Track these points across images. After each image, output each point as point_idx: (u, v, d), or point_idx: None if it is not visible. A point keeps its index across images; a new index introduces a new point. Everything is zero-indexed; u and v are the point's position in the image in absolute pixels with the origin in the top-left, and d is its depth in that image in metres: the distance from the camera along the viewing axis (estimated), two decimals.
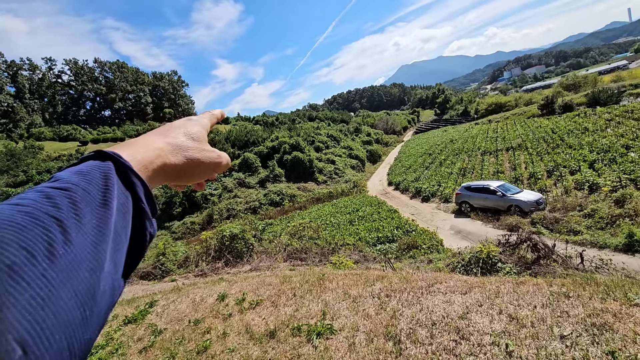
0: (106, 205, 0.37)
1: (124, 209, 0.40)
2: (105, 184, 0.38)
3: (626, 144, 18.65)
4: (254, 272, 8.36)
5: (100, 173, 0.39)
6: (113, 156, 0.43)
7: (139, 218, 0.43)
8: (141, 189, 0.43)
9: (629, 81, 51.44)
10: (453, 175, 24.43)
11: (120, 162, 0.43)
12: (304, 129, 50.98)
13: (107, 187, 0.38)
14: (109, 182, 0.39)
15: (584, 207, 12.81)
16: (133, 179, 0.43)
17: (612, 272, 6.49)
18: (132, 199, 0.42)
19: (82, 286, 0.30)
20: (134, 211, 0.42)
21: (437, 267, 7.56)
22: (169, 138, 0.54)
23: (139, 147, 0.49)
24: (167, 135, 0.55)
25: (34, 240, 0.28)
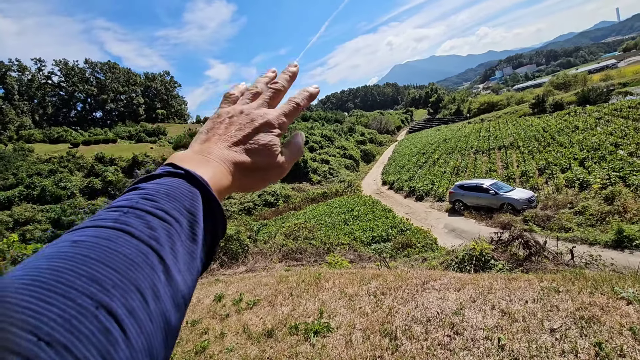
0: (195, 240, 0.36)
1: (205, 240, 0.40)
2: (193, 217, 0.37)
3: (615, 141, 19.00)
4: (250, 273, 8.38)
5: (189, 202, 0.38)
6: (201, 183, 0.41)
7: (213, 246, 0.43)
8: (220, 224, 0.43)
9: (617, 80, 52.37)
10: (446, 174, 24.66)
11: (209, 194, 0.41)
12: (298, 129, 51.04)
13: (196, 220, 0.38)
14: (197, 215, 0.38)
15: (574, 204, 13.03)
16: (217, 214, 0.42)
17: (601, 268, 6.64)
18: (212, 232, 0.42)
19: (172, 325, 0.29)
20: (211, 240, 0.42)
21: (431, 265, 7.67)
22: (240, 154, 0.50)
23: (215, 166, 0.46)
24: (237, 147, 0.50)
25: (143, 279, 0.28)
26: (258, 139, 0.52)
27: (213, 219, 0.41)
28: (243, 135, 0.51)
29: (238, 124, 0.53)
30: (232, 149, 0.50)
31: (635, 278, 3.56)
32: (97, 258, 0.27)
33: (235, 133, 0.51)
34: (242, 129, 0.52)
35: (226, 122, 0.53)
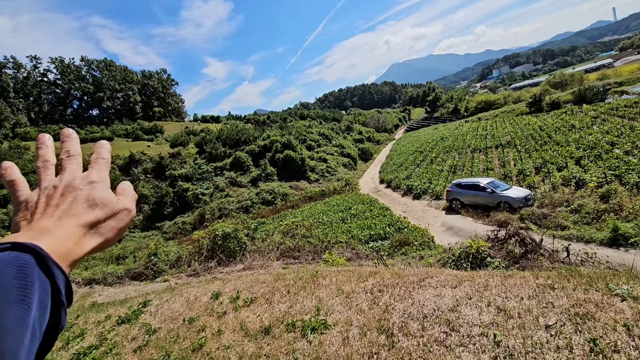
0: (25, 302, 0.35)
1: (43, 303, 0.39)
2: (23, 280, 0.37)
3: (611, 140, 19.11)
4: (247, 271, 8.38)
5: (18, 266, 0.38)
6: (33, 248, 0.41)
7: (55, 307, 0.42)
8: (62, 280, 0.42)
9: (614, 79, 52.63)
10: (444, 172, 24.72)
11: (41, 253, 0.41)
12: (296, 128, 50.92)
13: (26, 282, 0.37)
14: (29, 277, 0.37)
15: (570, 202, 13.10)
16: (54, 270, 0.42)
17: (596, 265, 6.69)
18: (51, 289, 0.41)
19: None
20: (53, 304, 0.41)
21: (428, 262, 7.69)
22: (81, 218, 0.52)
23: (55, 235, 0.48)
24: (77, 215, 0.52)
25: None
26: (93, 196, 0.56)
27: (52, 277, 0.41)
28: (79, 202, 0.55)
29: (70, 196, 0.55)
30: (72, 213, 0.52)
31: (630, 275, 3.59)
32: None
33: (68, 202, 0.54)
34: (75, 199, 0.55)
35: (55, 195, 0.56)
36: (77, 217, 0.52)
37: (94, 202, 0.55)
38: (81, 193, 0.55)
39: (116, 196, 0.60)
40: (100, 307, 6.42)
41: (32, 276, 0.38)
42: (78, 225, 0.51)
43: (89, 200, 0.55)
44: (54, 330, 0.42)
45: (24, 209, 0.54)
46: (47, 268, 0.41)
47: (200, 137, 44.27)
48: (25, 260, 0.39)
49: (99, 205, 0.54)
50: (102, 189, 0.58)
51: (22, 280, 0.37)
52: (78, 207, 0.53)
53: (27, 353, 0.34)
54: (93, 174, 0.60)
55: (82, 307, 6.87)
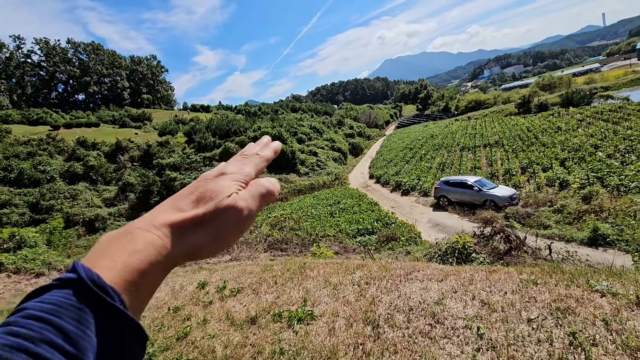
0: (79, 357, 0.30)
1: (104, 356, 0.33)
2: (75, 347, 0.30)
3: (595, 143, 19.57)
4: (235, 262, 8.34)
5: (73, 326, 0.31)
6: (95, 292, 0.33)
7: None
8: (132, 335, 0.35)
9: (600, 83, 53.87)
10: (432, 170, 24.97)
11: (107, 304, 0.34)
12: (287, 120, 50.57)
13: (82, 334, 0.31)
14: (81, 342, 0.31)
15: (554, 202, 13.41)
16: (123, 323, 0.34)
17: (577, 263, 6.88)
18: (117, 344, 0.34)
19: None
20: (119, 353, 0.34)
21: (415, 257, 7.79)
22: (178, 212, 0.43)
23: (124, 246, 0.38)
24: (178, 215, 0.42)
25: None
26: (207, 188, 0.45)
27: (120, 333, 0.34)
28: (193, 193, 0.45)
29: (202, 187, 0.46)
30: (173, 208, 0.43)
31: (609, 272, 3.69)
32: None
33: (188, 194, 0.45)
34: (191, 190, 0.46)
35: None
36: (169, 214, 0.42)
37: (203, 196, 0.44)
38: (203, 185, 0.46)
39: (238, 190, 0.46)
40: None
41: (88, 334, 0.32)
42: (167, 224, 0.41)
43: (199, 194, 0.44)
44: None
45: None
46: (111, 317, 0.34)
47: (190, 127, 43.59)
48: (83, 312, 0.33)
49: (202, 201, 0.43)
50: (222, 181, 0.46)
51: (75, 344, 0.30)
52: (183, 201, 0.44)
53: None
54: (230, 167, 0.49)
55: None
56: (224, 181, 0.46)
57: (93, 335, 0.32)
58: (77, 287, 0.34)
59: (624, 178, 13.45)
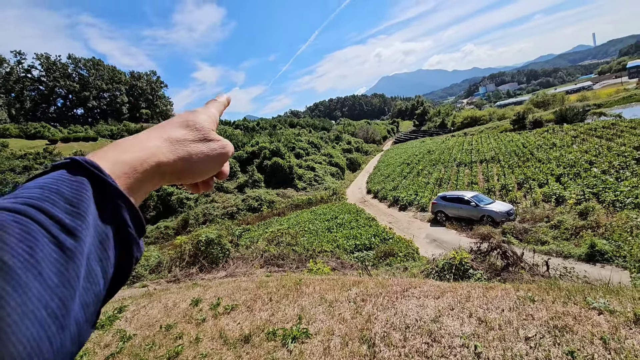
0: (75, 235, 0.29)
1: (101, 237, 0.33)
2: (74, 207, 0.30)
3: (590, 159, 19.77)
4: (230, 278, 8.22)
5: (70, 191, 0.31)
6: (89, 168, 0.34)
7: (123, 242, 0.36)
8: (126, 210, 0.36)
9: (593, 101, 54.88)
10: (430, 185, 25.03)
11: (100, 178, 0.34)
12: (285, 135, 50.93)
13: (78, 211, 0.30)
14: (80, 205, 0.31)
15: (550, 218, 13.42)
16: (116, 199, 0.35)
17: (574, 279, 6.83)
18: (114, 223, 0.35)
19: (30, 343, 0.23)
20: (117, 236, 0.35)
21: (412, 273, 7.72)
22: (167, 132, 0.47)
23: (128, 146, 0.41)
24: (165, 130, 0.48)
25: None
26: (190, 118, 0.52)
27: (114, 207, 0.35)
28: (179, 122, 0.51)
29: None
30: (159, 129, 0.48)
31: (607, 289, 3.67)
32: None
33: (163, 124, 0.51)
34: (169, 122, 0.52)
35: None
36: (161, 131, 0.47)
37: (186, 123, 0.50)
38: (177, 117, 0.52)
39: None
40: None
41: (85, 203, 0.31)
42: (159, 138, 0.45)
43: (181, 122, 0.50)
44: (125, 267, 0.36)
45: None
46: (107, 195, 0.34)
47: None
48: (79, 184, 0.32)
49: (190, 127, 0.50)
50: (200, 115, 0.53)
51: (74, 208, 0.30)
52: (168, 125, 0.49)
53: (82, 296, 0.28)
54: (198, 109, 0.57)
55: None
56: (202, 116, 0.54)
57: (92, 203, 0.32)
58: (71, 166, 0.34)
59: (620, 194, 13.53)
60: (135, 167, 0.39)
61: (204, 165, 0.49)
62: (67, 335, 0.26)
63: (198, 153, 0.48)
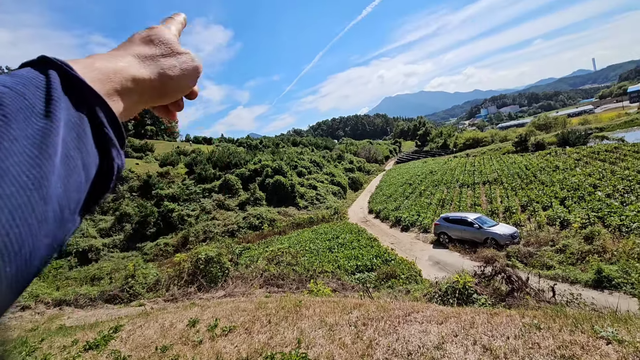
0: (48, 117, 0.29)
1: (76, 128, 0.32)
2: (47, 94, 0.30)
3: (594, 183, 19.67)
4: (228, 298, 8.08)
5: (41, 81, 0.31)
6: (60, 65, 0.33)
7: (102, 145, 0.35)
8: (101, 110, 0.35)
9: (594, 124, 55.21)
10: (432, 205, 24.90)
11: (70, 74, 0.33)
12: (288, 154, 51.24)
13: (50, 97, 0.30)
14: (53, 92, 0.30)
15: (555, 242, 13.24)
16: (89, 97, 0.34)
17: (582, 306, 6.66)
18: (89, 120, 0.34)
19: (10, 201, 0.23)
20: (95, 137, 0.34)
21: (414, 297, 7.56)
22: (133, 50, 0.45)
23: (101, 57, 0.40)
24: (131, 47, 0.46)
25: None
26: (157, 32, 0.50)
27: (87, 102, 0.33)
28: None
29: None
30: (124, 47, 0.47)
31: (615, 318, 3.56)
32: None
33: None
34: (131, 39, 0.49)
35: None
36: (128, 49, 0.45)
37: (150, 39, 0.48)
38: (138, 34, 0.49)
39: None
40: (68, 330, 6.05)
41: (56, 91, 0.30)
42: (128, 55, 0.43)
43: (144, 37, 0.48)
44: (107, 172, 0.35)
45: None
46: (78, 91, 0.33)
47: (191, 158, 44.04)
48: (50, 76, 0.31)
49: (154, 42, 0.47)
50: (162, 29, 0.50)
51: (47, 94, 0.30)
52: (132, 44, 0.46)
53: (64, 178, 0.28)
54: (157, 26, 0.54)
55: (48, 330, 6.46)
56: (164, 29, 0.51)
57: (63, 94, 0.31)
58: (39, 62, 0.33)
59: (625, 218, 13.38)
60: (109, 76, 0.38)
61: (179, 81, 0.48)
62: (49, 211, 0.26)
63: (171, 67, 0.47)
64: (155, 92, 0.46)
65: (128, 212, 30.25)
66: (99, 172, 0.34)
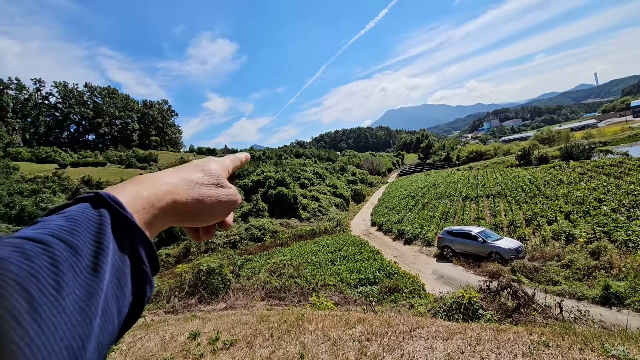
0: (97, 271, 0.28)
1: (119, 274, 0.31)
2: (97, 242, 0.30)
3: (598, 197, 19.51)
4: (230, 310, 7.99)
5: (93, 226, 0.31)
6: (110, 203, 0.34)
7: (138, 280, 0.35)
8: (143, 247, 0.35)
9: (598, 138, 55.14)
10: (435, 218, 24.73)
11: (120, 213, 0.34)
12: (290, 165, 51.39)
13: (100, 246, 0.29)
14: (103, 240, 0.30)
15: (561, 257, 13.06)
16: (134, 234, 0.34)
17: (590, 324, 6.52)
18: (130, 259, 0.34)
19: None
20: (133, 274, 0.34)
21: (418, 311, 7.44)
22: (184, 174, 0.48)
23: (147, 182, 0.42)
24: (182, 171, 0.49)
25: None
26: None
27: (132, 243, 0.34)
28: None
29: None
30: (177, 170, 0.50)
31: (625, 336, 3.48)
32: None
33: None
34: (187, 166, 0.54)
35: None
36: (179, 171, 0.49)
37: (202, 168, 0.52)
38: (195, 162, 0.54)
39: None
40: None
41: (106, 238, 0.30)
42: (176, 177, 0.47)
43: (196, 166, 0.52)
44: (137, 306, 0.34)
45: None
46: (126, 231, 0.33)
47: None
48: (101, 219, 0.32)
49: (204, 172, 0.51)
50: (213, 163, 0.55)
51: (97, 243, 0.30)
52: (185, 168, 0.51)
53: (98, 335, 0.27)
54: (215, 158, 0.59)
55: None
56: (215, 164, 0.56)
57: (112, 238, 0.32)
58: (94, 199, 0.34)
59: (632, 234, 13.21)
60: (153, 203, 0.40)
61: (214, 209, 0.50)
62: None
63: (210, 196, 0.49)
64: (190, 215, 0.47)
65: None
66: (130, 308, 0.33)
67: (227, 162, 0.60)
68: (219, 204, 0.50)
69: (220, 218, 0.53)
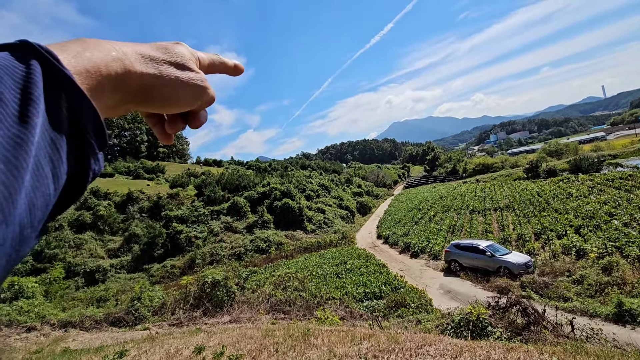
0: (25, 122, 0.24)
1: (53, 134, 0.27)
2: (25, 91, 0.26)
3: (609, 211, 19.17)
4: (234, 324, 7.93)
5: (19, 73, 0.26)
6: (42, 53, 0.28)
7: (80, 150, 0.30)
8: (87, 115, 0.30)
9: (607, 151, 54.54)
10: (442, 232, 24.45)
11: (56, 67, 0.28)
12: (296, 177, 51.48)
13: (29, 96, 0.26)
14: (32, 89, 0.26)
15: (572, 272, 12.77)
16: (73, 95, 0.29)
17: (603, 343, 6.32)
18: (70, 124, 0.29)
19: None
20: (73, 142, 0.30)
21: (426, 328, 7.30)
22: (141, 48, 0.41)
23: (92, 44, 0.35)
24: (139, 45, 0.42)
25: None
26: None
27: (72, 107, 0.29)
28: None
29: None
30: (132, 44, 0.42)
31: (639, 356, 3.38)
32: None
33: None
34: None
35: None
36: (134, 45, 0.41)
37: (164, 47, 0.44)
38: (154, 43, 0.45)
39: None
40: (72, 354, 5.96)
41: (36, 88, 0.26)
42: (130, 48, 0.39)
43: (158, 46, 0.44)
44: (79, 180, 0.31)
45: None
46: (64, 88, 0.28)
47: (201, 180, 44.56)
48: (31, 68, 0.27)
49: (168, 51, 0.43)
50: (180, 46, 0.46)
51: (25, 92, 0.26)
52: (143, 45, 0.42)
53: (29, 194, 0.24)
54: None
55: (52, 353, 6.38)
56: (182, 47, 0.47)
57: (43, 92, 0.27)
58: (20, 47, 0.28)
59: None
60: (99, 68, 0.33)
61: (178, 92, 0.43)
62: (8, 234, 0.22)
63: (169, 74, 0.42)
64: (146, 94, 0.40)
65: (137, 233, 30.41)
66: (70, 178, 0.30)
67: (200, 54, 0.50)
68: (184, 86, 0.43)
69: (185, 105, 0.46)
